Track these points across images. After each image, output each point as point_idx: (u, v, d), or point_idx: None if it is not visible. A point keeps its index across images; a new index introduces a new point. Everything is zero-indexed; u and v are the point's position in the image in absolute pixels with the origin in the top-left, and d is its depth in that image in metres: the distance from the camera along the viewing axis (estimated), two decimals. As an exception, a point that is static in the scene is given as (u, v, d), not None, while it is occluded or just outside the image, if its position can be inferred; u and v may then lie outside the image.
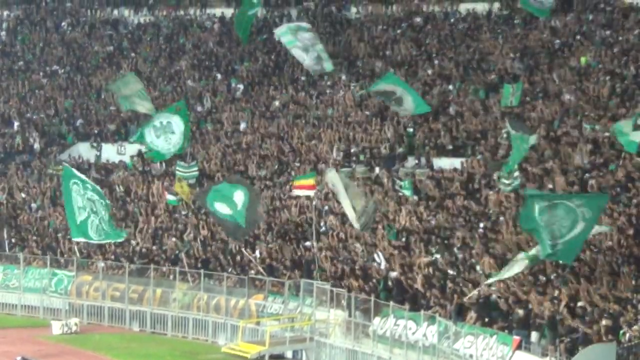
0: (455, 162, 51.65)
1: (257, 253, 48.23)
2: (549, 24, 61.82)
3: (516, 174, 45.01)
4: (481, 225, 44.40)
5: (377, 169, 53.20)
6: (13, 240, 55.00)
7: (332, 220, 48.92)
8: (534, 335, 35.02)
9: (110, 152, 62.69)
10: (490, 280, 36.95)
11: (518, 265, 36.00)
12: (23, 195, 57.69)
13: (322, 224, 48.43)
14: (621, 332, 31.67)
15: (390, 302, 40.74)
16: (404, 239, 45.10)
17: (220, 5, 69.38)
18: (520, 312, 36.23)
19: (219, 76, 67.44)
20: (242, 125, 61.55)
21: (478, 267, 40.54)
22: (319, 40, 55.24)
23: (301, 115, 60.67)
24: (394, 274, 42.62)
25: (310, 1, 72.46)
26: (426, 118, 54.93)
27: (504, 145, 50.55)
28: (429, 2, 68.66)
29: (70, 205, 47.07)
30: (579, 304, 34.55)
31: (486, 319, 36.80)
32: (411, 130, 54.89)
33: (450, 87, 58.52)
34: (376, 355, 41.05)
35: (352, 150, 55.40)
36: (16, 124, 66.05)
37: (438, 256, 42.53)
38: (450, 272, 40.97)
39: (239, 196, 43.39)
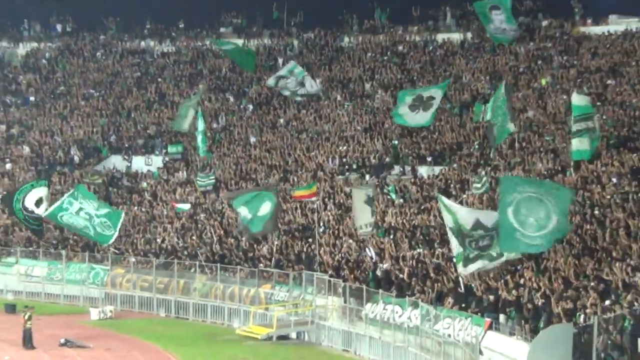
0: (435, 170, 51.68)
1: (265, 249, 48.14)
2: (514, 50, 62.05)
3: (484, 179, 44.98)
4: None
5: (367, 176, 53.26)
6: (56, 240, 54.72)
7: (330, 221, 48.76)
8: (503, 318, 34.79)
9: (139, 163, 62.78)
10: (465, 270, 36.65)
11: (493, 265, 35.94)
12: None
13: (321, 224, 48.09)
14: (577, 314, 31.44)
15: (380, 290, 40.62)
16: (391, 236, 44.93)
17: (232, 37, 69.05)
18: (491, 297, 36.08)
19: (231, 98, 67.35)
20: (252, 139, 61.59)
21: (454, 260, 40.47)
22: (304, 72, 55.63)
23: (302, 131, 60.68)
24: (384, 266, 42.49)
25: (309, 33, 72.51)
26: (409, 132, 54.93)
27: (476, 155, 50.72)
28: (411, 33, 68.84)
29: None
30: (541, 290, 34.34)
31: (462, 304, 36.59)
32: (396, 142, 54.95)
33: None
34: (368, 336, 40.98)
35: (345, 160, 55.29)
36: (58, 139, 65.88)
37: (421, 250, 42.40)
38: (431, 263, 40.85)
39: (266, 208, 43.72)
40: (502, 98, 44.82)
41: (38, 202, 49.81)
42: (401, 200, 48.33)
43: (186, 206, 54.00)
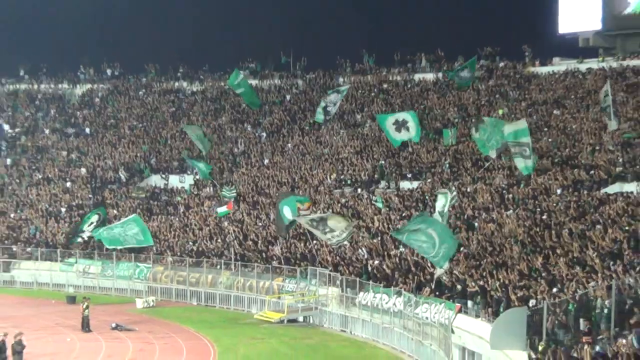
0: (414, 184, 51.70)
1: (277, 249, 48.20)
2: (476, 87, 62.04)
3: (454, 192, 44.95)
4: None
5: (359, 190, 53.28)
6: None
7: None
8: (470, 303, 34.89)
9: (174, 181, 62.78)
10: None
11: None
12: (115, 211, 57.39)
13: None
14: (530, 300, 31.56)
15: (370, 282, 40.75)
16: (379, 238, 45.01)
17: (248, 77, 68.98)
18: (459, 287, 36.15)
19: (249, 127, 67.42)
20: (266, 161, 61.54)
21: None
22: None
23: (306, 153, 60.59)
24: (372, 262, 42.57)
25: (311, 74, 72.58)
26: (393, 154, 55.03)
27: (447, 173, 50.81)
28: (393, 73, 68.84)
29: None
30: (500, 281, 34.43)
31: (437, 292, 36.67)
32: (382, 162, 55.00)
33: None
34: (361, 319, 41.19)
35: (341, 177, 55.36)
36: (109, 162, 65.99)
37: (403, 250, 42.41)
38: (411, 260, 40.88)
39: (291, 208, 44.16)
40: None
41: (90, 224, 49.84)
42: (387, 209, 48.38)
43: (225, 211, 53.48)
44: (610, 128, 46.32)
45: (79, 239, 51.70)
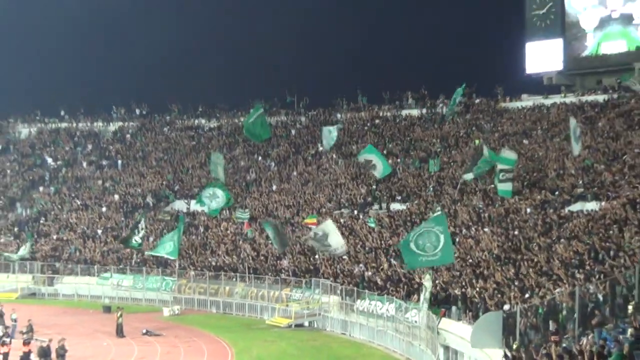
0: (402, 207, 51.66)
1: (285, 263, 48.23)
2: (455, 121, 62.15)
3: (439, 210, 45.06)
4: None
5: (355, 212, 53.30)
6: (139, 259, 54.86)
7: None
8: (454, 309, 34.92)
9: (195, 206, 62.31)
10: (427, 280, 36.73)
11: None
12: (143, 232, 57.30)
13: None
14: (504, 305, 31.57)
15: (366, 291, 40.82)
16: (372, 253, 45.07)
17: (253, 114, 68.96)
18: (444, 294, 36.17)
19: (259, 158, 67.57)
20: (274, 187, 61.59)
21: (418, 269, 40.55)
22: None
23: (308, 181, 60.65)
24: (369, 274, 42.62)
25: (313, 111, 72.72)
26: (384, 180, 55.09)
27: (431, 195, 50.84)
28: (383, 110, 68.93)
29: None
30: (478, 288, 34.46)
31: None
32: (374, 187, 55.06)
33: (398, 160, 58.54)
34: (359, 323, 41.23)
35: (340, 201, 55.40)
36: (138, 189, 66.12)
37: (394, 262, 42.46)
38: (401, 271, 40.92)
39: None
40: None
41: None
42: (379, 228, 48.41)
43: (251, 233, 53.67)
44: (575, 153, 46.36)
45: (134, 242, 51.04)
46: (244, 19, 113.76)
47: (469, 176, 47.45)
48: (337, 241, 42.70)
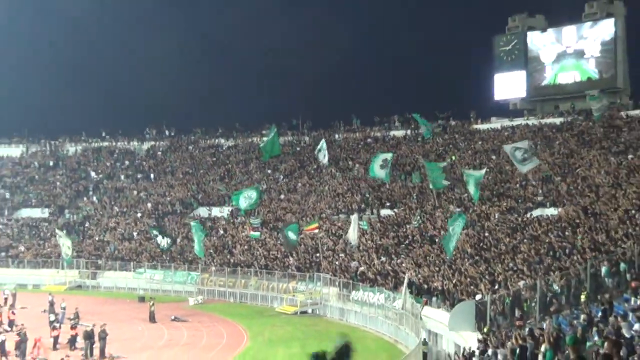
0: (390, 212, 51.71)
1: (292, 260, 48.24)
2: (435, 140, 62.15)
3: (419, 217, 45.17)
4: (405, 242, 44.49)
5: (350, 216, 53.16)
6: (167, 257, 54.94)
7: (328, 245, 48.89)
8: (434, 299, 35.00)
9: (215, 212, 62.65)
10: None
11: None
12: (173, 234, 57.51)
13: (324, 246, 48.25)
14: (477, 295, 31.69)
15: (360, 283, 40.86)
16: (365, 251, 45.10)
17: (268, 135, 69.14)
18: (426, 286, 36.25)
19: (269, 171, 67.58)
20: (282, 196, 61.58)
21: (404, 265, 40.57)
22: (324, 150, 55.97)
23: (311, 191, 60.57)
24: (361, 268, 42.67)
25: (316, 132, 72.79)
26: (374, 188, 55.12)
27: (415, 203, 50.84)
28: (374, 130, 68.86)
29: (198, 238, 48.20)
30: (454, 281, 34.54)
31: (410, 290, 36.77)
32: (367, 195, 55.07)
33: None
34: (354, 310, 41.20)
35: (338, 207, 55.40)
36: (168, 198, 66.20)
37: (383, 259, 42.55)
38: (390, 267, 40.97)
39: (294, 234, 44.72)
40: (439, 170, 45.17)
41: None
42: (370, 230, 48.47)
43: (257, 234, 53.70)
44: (523, 171, 46.26)
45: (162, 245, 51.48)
46: (258, 57, 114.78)
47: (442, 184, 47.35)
48: (352, 234, 43.37)
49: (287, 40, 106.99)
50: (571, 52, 62.85)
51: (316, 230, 47.82)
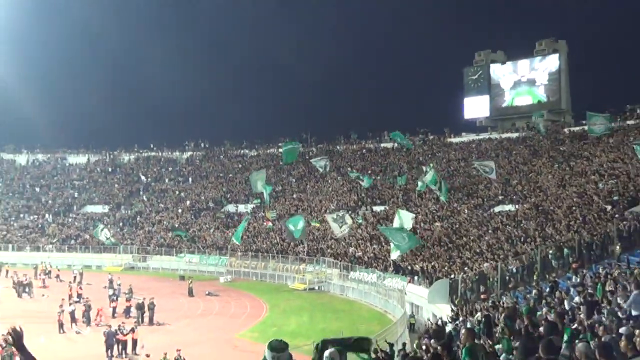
0: (381, 208, 51.63)
1: (301, 247, 48.17)
2: (416, 151, 62.00)
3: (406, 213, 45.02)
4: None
5: (348, 212, 53.03)
6: (203, 245, 54.87)
7: (331, 237, 48.73)
8: (416, 277, 35.03)
9: (241, 208, 62.63)
10: (393, 256, 36.67)
11: (395, 253, 35.05)
12: (206, 226, 57.51)
13: (328, 236, 48.18)
14: (450, 275, 31.73)
15: (357, 265, 40.83)
16: (360, 240, 45.00)
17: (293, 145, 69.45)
18: (410, 267, 36.23)
19: (284, 175, 67.51)
20: (294, 195, 61.45)
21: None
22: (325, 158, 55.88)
23: (317, 192, 60.49)
24: (357, 254, 42.64)
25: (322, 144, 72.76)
26: (368, 190, 55.02)
27: (400, 201, 50.64)
28: (368, 143, 68.76)
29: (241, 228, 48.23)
30: (432, 264, 34.55)
31: (396, 271, 36.74)
32: (363, 195, 55.00)
33: (378, 177, 58.51)
34: (352, 287, 41.01)
35: (337, 205, 55.28)
36: (203, 197, 66.11)
37: (376, 246, 42.47)
38: (380, 252, 40.91)
39: (301, 224, 43.63)
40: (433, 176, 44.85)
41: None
42: (365, 223, 48.42)
43: (270, 225, 53.70)
44: (418, 188, 46.11)
45: (183, 234, 51.94)
46: (273, 80, 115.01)
47: (420, 187, 47.34)
48: (336, 229, 43.17)
49: (301, 78, 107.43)
50: (525, 80, 63.11)
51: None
